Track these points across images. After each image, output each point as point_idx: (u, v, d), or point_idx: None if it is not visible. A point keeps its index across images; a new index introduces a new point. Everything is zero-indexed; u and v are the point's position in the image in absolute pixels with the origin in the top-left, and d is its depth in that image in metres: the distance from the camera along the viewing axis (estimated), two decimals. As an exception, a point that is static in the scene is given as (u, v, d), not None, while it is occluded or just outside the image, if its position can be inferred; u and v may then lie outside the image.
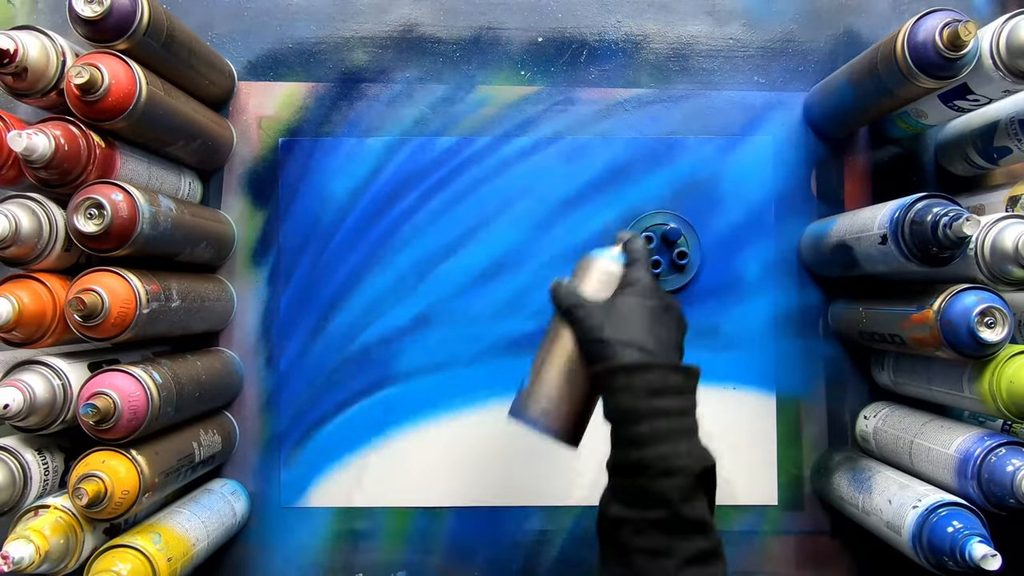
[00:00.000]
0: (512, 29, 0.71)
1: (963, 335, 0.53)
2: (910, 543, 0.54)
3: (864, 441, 0.68)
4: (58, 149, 0.52)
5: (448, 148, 0.71)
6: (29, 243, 0.54)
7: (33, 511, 0.53)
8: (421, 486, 0.70)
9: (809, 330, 0.70)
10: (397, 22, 0.71)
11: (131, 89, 0.54)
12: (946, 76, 0.55)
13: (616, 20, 0.72)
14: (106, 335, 0.53)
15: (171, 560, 0.55)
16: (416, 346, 0.70)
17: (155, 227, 0.56)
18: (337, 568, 0.69)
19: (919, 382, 0.62)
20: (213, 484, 0.67)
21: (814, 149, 0.71)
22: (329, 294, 0.70)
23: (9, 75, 0.53)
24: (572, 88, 0.71)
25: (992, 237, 0.53)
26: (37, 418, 0.53)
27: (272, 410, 0.70)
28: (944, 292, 0.54)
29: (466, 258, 0.71)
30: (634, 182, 0.71)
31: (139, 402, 0.53)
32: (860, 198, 0.71)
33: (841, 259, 0.63)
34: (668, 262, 0.70)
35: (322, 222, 0.70)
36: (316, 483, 0.70)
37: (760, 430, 0.70)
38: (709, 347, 0.70)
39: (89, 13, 0.53)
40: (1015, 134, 0.60)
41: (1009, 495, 0.51)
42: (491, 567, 0.70)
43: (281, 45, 0.71)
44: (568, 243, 0.71)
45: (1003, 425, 0.61)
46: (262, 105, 0.71)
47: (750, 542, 0.70)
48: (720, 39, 0.72)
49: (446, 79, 0.71)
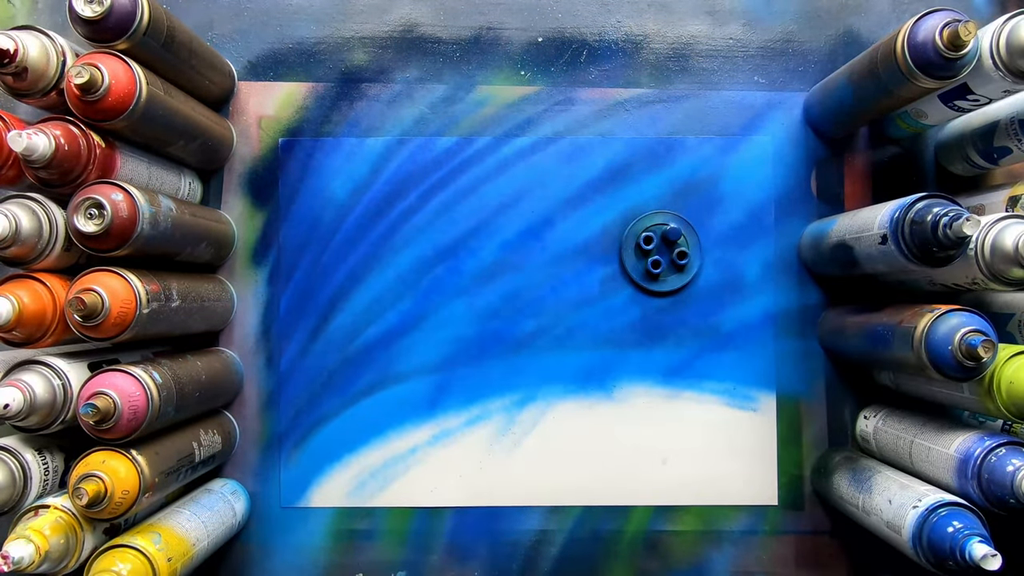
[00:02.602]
0: (512, 29, 0.71)
1: (948, 362, 0.53)
2: (910, 543, 0.54)
3: (864, 441, 0.68)
4: (58, 149, 0.52)
5: (448, 148, 0.71)
6: (29, 243, 0.54)
7: (33, 511, 0.53)
8: (421, 486, 0.70)
9: (809, 330, 0.70)
10: (397, 22, 0.71)
11: (131, 89, 0.54)
12: (946, 76, 0.55)
13: (616, 20, 0.72)
14: (106, 335, 0.53)
15: (171, 560, 0.55)
16: (416, 346, 0.70)
17: (155, 227, 0.56)
18: (337, 568, 0.69)
19: (919, 382, 0.62)
20: (213, 484, 0.67)
21: (814, 149, 0.71)
22: (329, 294, 0.70)
23: (9, 75, 0.53)
24: (572, 88, 0.71)
25: (992, 237, 0.53)
26: (37, 418, 0.53)
27: (272, 410, 0.70)
28: (923, 321, 0.54)
29: (466, 258, 0.71)
30: (634, 182, 0.71)
31: (139, 402, 0.53)
32: (860, 198, 0.71)
33: (841, 259, 0.63)
34: (668, 262, 0.70)
35: (322, 222, 0.70)
36: (316, 483, 0.70)
37: (760, 430, 0.70)
38: (709, 347, 0.70)
39: (89, 13, 0.53)
40: (1015, 134, 0.60)
41: (1009, 495, 0.51)
42: (491, 567, 0.70)
43: (281, 45, 0.71)
44: (568, 243, 0.71)
45: (1003, 425, 0.61)
46: (262, 105, 0.71)
47: (750, 542, 0.70)
48: (720, 39, 0.72)
49: (446, 79, 0.71)
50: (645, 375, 0.70)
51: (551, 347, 0.70)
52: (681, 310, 0.71)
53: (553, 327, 0.70)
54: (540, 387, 0.70)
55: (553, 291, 0.70)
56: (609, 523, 0.70)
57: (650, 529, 0.70)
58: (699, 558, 0.70)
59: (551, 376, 0.70)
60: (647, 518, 0.70)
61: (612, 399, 0.70)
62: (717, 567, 0.69)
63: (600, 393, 0.70)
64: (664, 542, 0.70)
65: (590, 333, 0.70)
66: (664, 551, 0.70)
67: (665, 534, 0.70)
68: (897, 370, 0.64)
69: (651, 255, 0.70)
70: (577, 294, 0.70)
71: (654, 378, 0.70)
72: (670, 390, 0.70)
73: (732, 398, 0.70)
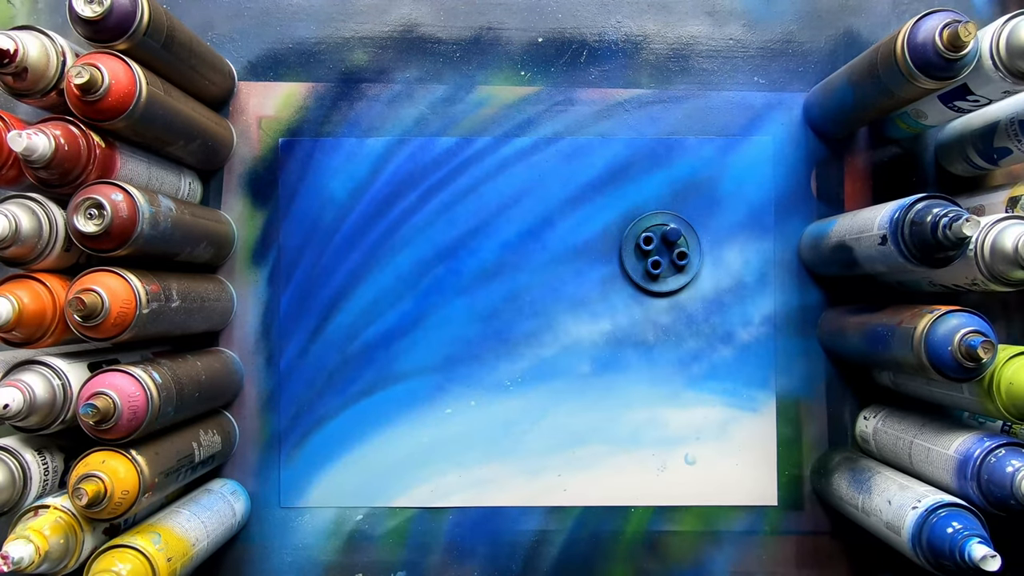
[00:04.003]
0: (512, 29, 0.71)
1: (948, 363, 0.53)
2: (910, 543, 0.54)
3: (864, 441, 0.68)
4: (58, 149, 0.52)
5: (448, 148, 0.71)
6: (29, 243, 0.54)
7: (33, 511, 0.53)
8: (421, 486, 0.70)
9: (809, 330, 0.71)
10: (397, 22, 0.71)
11: (131, 89, 0.54)
12: (946, 77, 0.55)
13: (616, 20, 0.72)
14: (106, 335, 0.53)
15: (171, 560, 0.55)
16: (416, 346, 0.70)
17: (155, 227, 0.56)
18: (337, 568, 0.69)
19: (919, 382, 0.62)
20: (213, 484, 0.67)
21: (814, 149, 0.71)
22: (329, 294, 0.70)
23: (9, 75, 0.53)
24: (572, 88, 0.71)
25: (992, 238, 0.53)
26: (37, 418, 0.53)
27: (272, 410, 0.70)
28: (923, 321, 0.54)
29: (466, 258, 0.71)
30: (634, 182, 0.71)
31: (139, 402, 0.53)
32: (860, 198, 0.71)
33: (841, 259, 0.63)
34: (668, 262, 0.70)
35: (322, 222, 0.70)
36: (316, 483, 0.70)
37: (760, 430, 0.70)
38: (709, 347, 0.70)
39: (89, 13, 0.52)
40: (1015, 134, 0.60)
41: (1009, 496, 0.52)
42: (491, 567, 0.70)
43: (281, 45, 0.71)
44: (568, 243, 0.71)
45: (1003, 426, 0.61)
46: (262, 105, 0.71)
47: (750, 542, 0.70)
48: (720, 39, 0.72)
49: (446, 79, 0.71)
50: (645, 375, 0.70)
51: (551, 347, 0.70)
52: (681, 310, 0.71)
53: (553, 327, 0.70)
54: (540, 387, 0.70)
55: (553, 291, 0.70)
56: (609, 523, 0.70)
57: (650, 529, 0.70)
58: (699, 558, 0.70)
59: (551, 376, 0.70)
60: (647, 518, 0.70)
61: (612, 399, 0.70)
62: (717, 567, 0.69)
63: (600, 393, 0.70)
64: (664, 542, 0.70)
65: (590, 334, 0.70)
66: (664, 551, 0.70)
67: (665, 534, 0.70)
68: (897, 370, 0.64)
69: (651, 255, 0.70)
70: (577, 294, 0.70)
71: (654, 378, 0.70)
72: (670, 390, 0.70)
73: (732, 398, 0.70)
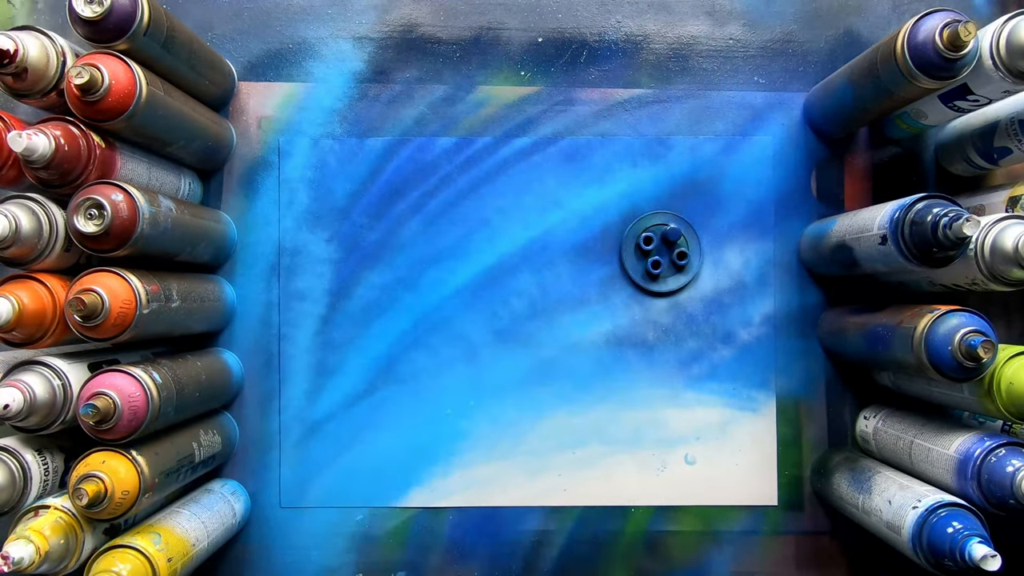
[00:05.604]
0: (512, 29, 0.71)
1: (948, 362, 0.53)
2: (910, 543, 0.54)
3: (864, 441, 0.68)
4: (58, 149, 0.52)
5: (448, 148, 0.71)
6: (29, 243, 0.54)
7: (33, 511, 0.53)
8: (421, 486, 0.70)
9: (809, 330, 0.70)
10: (397, 22, 0.71)
11: (131, 89, 0.54)
12: (946, 76, 0.55)
13: (616, 20, 0.72)
14: (106, 335, 0.53)
15: (171, 560, 0.55)
16: (416, 346, 0.70)
17: (155, 227, 0.56)
18: (337, 568, 0.69)
19: (919, 382, 0.62)
20: (213, 484, 0.67)
21: (814, 149, 0.71)
22: (329, 294, 0.70)
23: (9, 75, 0.53)
24: (572, 88, 0.71)
25: (992, 237, 0.53)
26: (37, 418, 0.53)
27: (272, 410, 0.70)
28: (923, 321, 0.54)
29: (466, 258, 0.71)
30: (634, 182, 0.71)
31: (139, 402, 0.53)
32: (860, 198, 0.71)
33: (841, 259, 0.63)
34: (668, 262, 0.70)
35: (322, 222, 0.70)
36: (316, 483, 0.70)
37: (760, 430, 0.70)
38: (709, 347, 0.70)
39: (89, 13, 0.52)
40: (1015, 134, 0.60)
41: (1009, 496, 0.51)
42: (491, 567, 0.70)
43: (281, 45, 0.71)
44: (568, 243, 0.71)
45: (1003, 426, 0.61)
46: (262, 105, 0.71)
47: (750, 542, 0.70)
48: (720, 39, 0.72)
49: (446, 79, 0.71)
50: (645, 375, 0.70)
51: (551, 347, 0.70)
52: (681, 311, 0.71)
53: (553, 327, 0.70)
54: (540, 387, 0.70)
55: (553, 291, 0.70)
56: (609, 523, 0.70)
57: (650, 529, 0.70)
58: (699, 558, 0.70)
59: (551, 376, 0.70)
60: (647, 518, 0.70)
61: (612, 399, 0.70)
62: (717, 567, 0.69)
63: (600, 393, 0.70)
64: (664, 542, 0.70)
65: (590, 334, 0.70)
66: (664, 551, 0.70)
67: (665, 534, 0.70)
68: (897, 370, 0.64)
69: (651, 255, 0.70)
70: (577, 294, 0.70)
71: (654, 378, 0.70)
72: (670, 390, 0.70)
73: (732, 398, 0.70)
